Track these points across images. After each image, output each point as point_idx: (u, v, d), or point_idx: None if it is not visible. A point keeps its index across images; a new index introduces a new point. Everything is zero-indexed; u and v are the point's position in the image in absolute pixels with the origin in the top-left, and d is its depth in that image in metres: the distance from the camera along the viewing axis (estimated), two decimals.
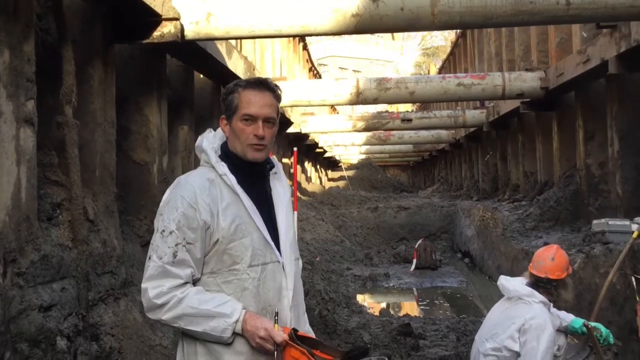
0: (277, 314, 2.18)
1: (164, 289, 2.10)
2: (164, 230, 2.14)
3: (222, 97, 2.29)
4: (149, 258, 2.15)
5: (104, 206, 5.21)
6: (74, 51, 4.66)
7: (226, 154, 2.26)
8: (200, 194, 2.15)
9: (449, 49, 27.51)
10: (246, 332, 2.11)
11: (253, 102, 2.21)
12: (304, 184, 20.87)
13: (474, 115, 16.29)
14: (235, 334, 2.11)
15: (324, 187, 25.04)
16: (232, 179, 2.20)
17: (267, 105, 2.23)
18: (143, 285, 2.14)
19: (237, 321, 2.10)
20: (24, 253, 3.79)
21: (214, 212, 2.15)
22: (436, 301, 11.23)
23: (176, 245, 2.11)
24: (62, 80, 4.55)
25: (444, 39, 46.89)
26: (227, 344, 2.13)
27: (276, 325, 2.12)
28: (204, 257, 2.16)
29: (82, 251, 4.45)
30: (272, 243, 2.23)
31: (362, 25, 5.67)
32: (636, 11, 5.38)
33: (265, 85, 2.25)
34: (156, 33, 5.66)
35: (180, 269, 2.12)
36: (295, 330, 2.13)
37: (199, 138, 2.31)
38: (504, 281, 3.88)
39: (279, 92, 2.29)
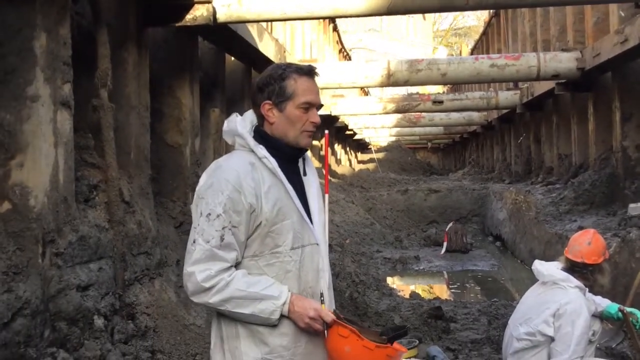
0: (322, 294, 2.22)
1: (212, 272, 2.12)
2: (209, 214, 2.14)
3: (267, 81, 2.25)
4: (194, 242, 2.15)
5: (139, 188, 5.29)
6: (108, 35, 4.71)
7: (263, 138, 2.27)
8: (244, 177, 2.16)
9: (481, 29, 27.08)
10: (293, 313, 2.14)
11: (311, 90, 2.24)
12: (334, 166, 20.87)
13: (507, 96, 16.03)
14: (282, 315, 2.14)
15: (353, 169, 25.00)
16: (272, 162, 2.21)
17: (318, 93, 2.29)
18: (189, 269, 2.14)
19: (284, 303, 2.13)
20: (62, 234, 3.87)
21: (258, 195, 2.16)
22: (467, 285, 11.18)
23: (223, 228, 2.13)
24: (97, 64, 4.61)
25: (476, 18, 46.18)
26: (273, 325, 2.16)
27: (323, 305, 2.17)
28: (246, 240, 2.18)
29: (118, 232, 4.53)
30: (310, 224, 2.26)
31: (395, 6, 5.62)
32: None
33: (315, 73, 2.29)
34: (189, 16, 5.69)
35: (227, 252, 2.14)
36: (336, 312, 2.18)
37: (227, 122, 2.31)
38: (539, 265, 3.83)
39: None
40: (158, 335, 4.67)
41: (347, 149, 26.38)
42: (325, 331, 2.12)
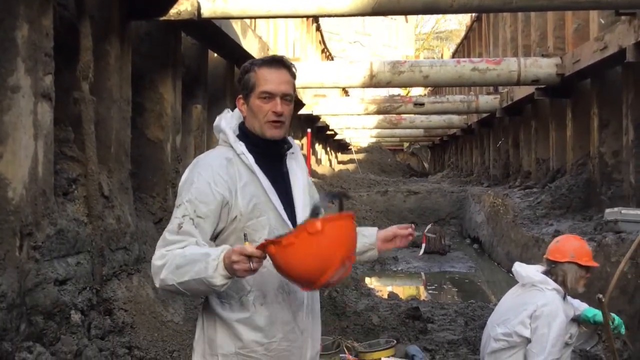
0: (245, 235, 2.07)
1: (163, 251, 2.11)
2: (178, 205, 2.16)
3: (238, 77, 2.29)
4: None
5: (118, 183, 5.25)
6: (91, 27, 4.68)
7: (245, 134, 2.27)
8: (217, 171, 2.16)
9: (463, 33, 27.28)
10: (227, 267, 1.99)
11: (270, 80, 2.22)
12: (314, 166, 20.88)
13: (487, 100, 16.17)
14: (226, 278, 2.00)
15: (333, 169, 25.03)
16: (249, 158, 2.20)
17: (283, 82, 2.23)
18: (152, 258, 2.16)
19: (217, 258, 2.00)
20: (40, 227, 3.82)
21: (232, 190, 2.15)
22: (444, 286, 11.25)
23: (183, 216, 2.12)
24: (80, 56, 4.57)
25: (458, 22, 46.48)
26: (248, 317, 2.14)
27: (246, 242, 2.00)
28: (216, 233, 2.17)
29: (96, 227, 4.49)
30: (289, 222, 2.23)
31: (380, 7, 5.64)
32: None
33: (281, 63, 2.25)
34: (173, 10, 5.66)
35: (183, 238, 2.11)
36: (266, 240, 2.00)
37: (217, 118, 2.32)
38: (518, 267, 3.87)
39: (294, 69, 2.30)
40: (135, 331, 4.64)
41: (328, 149, 26.41)
42: (251, 264, 1.94)
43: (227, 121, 2.29)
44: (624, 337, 4.82)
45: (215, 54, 8.58)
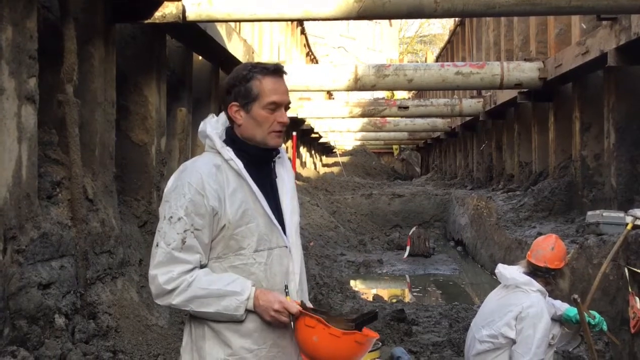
0: (286, 286, 2.19)
1: (173, 274, 2.10)
2: (171, 217, 2.13)
3: (233, 83, 2.22)
4: (157, 245, 2.14)
5: (102, 186, 5.22)
6: (75, 29, 4.65)
7: (232, 139, 2.25)
8: (207, 179, 2.14)
9: (446, 38, 27.45)
10: (258, 307, 2.12)
11: (275, 90, 2.20)
12: (299, 169, 20.88)
13: (471, 104, 16.30)
14: (247, 311, 2.13)
15: (318, 172, 25.05)
16: (238, 164, 2.19)
17: (286, 92, 2.25)
18: (152, 272, 2.13)
19: (248, 298, 2.12)
20: (23, 230, 3.79)
21: (221, 198, 2.14)
22: (429, 288, 11.30)
23: (185, 231, 2.11)
24: (64, 59, 4.54)
25: (441, 27, 46.74)
26: (238, 323, 2.14)
27: (288, 297, 2.16)
28: (210, 242, 2.17)
29: (81, 230, 4.46)
30: (279, 227, 2.23)
31: (365, 11, 5.66)
32: (638, 4, 5.40)
33: (282, 72, 2.25)
34: (158, 13, 5.64)
35: (189, 255, 2.12)
36: (303, 303, 2.17)
37: (202, 124, 2.29)
38: (502, 269, 3.91)
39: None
40: (120, 335, 4.61)
41: (313, 152, 26.42)
42: (292, 323, 2.11)
43: (213, 126, 2.26)
44: (609, 337, 4.88)
45: (200, 57, 8.56)
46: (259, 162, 2.26)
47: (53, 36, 4.65)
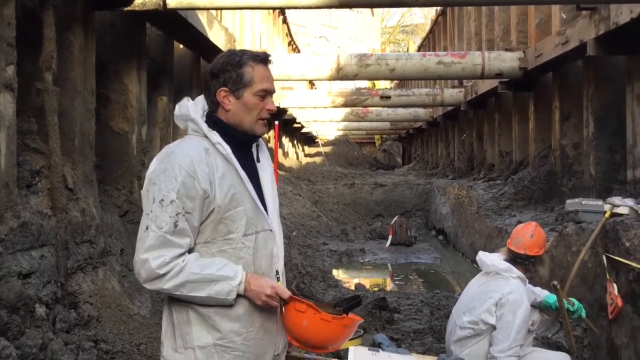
0: (277, 272, 2.24)
1: (166, 258, 2.10)
2: (162, 200, 2.11)
3: (223, 68, 2.23)
4: (147, 228, 2.12)
5: (83, 175, 5.18)
6: (54, 16, 4.58)
7: (215, 123, 2.25)
8: (198, 162, 2.14)
9: (428, 27, 27.49)
10: (250, 292, 2.15)
11: (266, 78, 2.25)
12: (281, 159, 20.85)
13: (452, 94, 16.36)
14: (238, 295, 2.15)
15: (300, 162, 25.04)
16: (227, 148, 2.20)
17: (273, 80, 2.30)
18: (143, 256, 2.11)
19: (240, 282, 2.14)
20: (3, 220, 3.75)
21: (212, 181, 2.15)
22: (410, 277, 11.39)
23: (177, 214, 2.11)
24: (42, 46, 4.48)
25: (423, 16, 46.83)
26: (228, 307, 2.16)
27: (279, 282, 2.22)
28: (199, 226, 2.17)
29: (61, 219, 4.42)
30: (264, 211, 2.26)
31: (347, 0, 5.65)
32: None
33: (270, 61, 2.29)
34: (138, 1, 5.60)
35: (181, 238, 2.12)
36: (292, 289, 2.23)
37: (180, 107, 2.28)
38: (483, 256, 3.96)
39: None
40: (101, 324, 4.59)
41: (295, 142, 26.39)
42: (283, 307, 2.16)
43: (194, 110, 2.26)
44: (587, 323, 4.96)
45: (181, 46, 8.50)
46: (242, 147, 2.28)
47: (32, 23, 4.58)
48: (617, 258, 4.89)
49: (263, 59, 2.26)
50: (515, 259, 3.84)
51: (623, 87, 7.70)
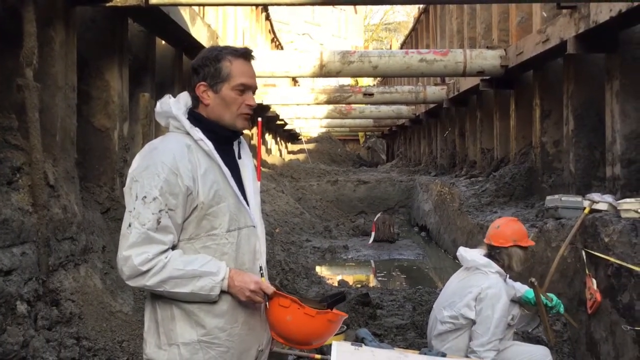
0: (261, 268, 2.25)
1: (149, 255, 2.10)
2: (145, 197, 2.11)
3: (202, 63, 2.24)
4: (129, 225, 2.12)
5: (64, 172, 5.14)
6: (35, 12, 4.54)
7: (197, 120, 2.26)
8: (180, 159, 2.15)
9: (411, 25, 27.58)
10: (233, 287, 2.15)
11: (246, 72, 2.24)
12: (264, 156, 20.82)
13: (435, 91, 16.45)
14: (222, 291, 2.16)
15: (283, 159, 25.02)
16: (209, 145, 2.21)
17: (254, 76, 2.29)
18: (125, 253, 2.11)
19: (223, 278, 2.15)
20: None
21: (195, 178, 2.16)
22: (393, 273, 11.45)
23: (160, 211, 2.11)
24: (23, 42, 4.44)
25: (406, 14, 46.98)
26: (211, 303, 2.17)
27: (263, 278, 2.22)
28: (182, 223, 2.17)
29: (42, 216, 4.39)
30: (246, 207, 2.27)
31: None
32: None
33: (251, 56, 2.29)
34: None
35: (164, 235, 2.12)
36: (275, 285, 2.24)
37: (161, 104, 2.28)
38: (463, 252, 4.00)
39: None
40: (83, 321, 4.57)
41: (278, 139, 26.35)
42: (267, 303, 2.16)
43: (176, 107, 2.26)
44: (566, 319, 5.03)
45: (163, 42, 8.45)
46: (224, 143, 2.29)
47: (12, 19, 4.54)
48: (596, 253, 4.96)
49: (242, 53, 2.26)
50: (490, 252, 3.90)
51: (602, 85, 7.79)
